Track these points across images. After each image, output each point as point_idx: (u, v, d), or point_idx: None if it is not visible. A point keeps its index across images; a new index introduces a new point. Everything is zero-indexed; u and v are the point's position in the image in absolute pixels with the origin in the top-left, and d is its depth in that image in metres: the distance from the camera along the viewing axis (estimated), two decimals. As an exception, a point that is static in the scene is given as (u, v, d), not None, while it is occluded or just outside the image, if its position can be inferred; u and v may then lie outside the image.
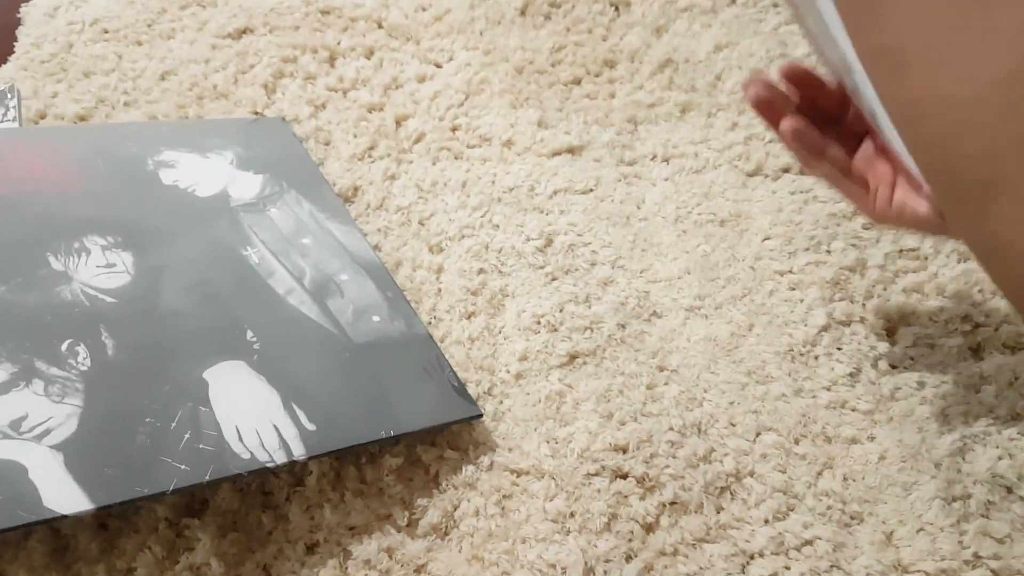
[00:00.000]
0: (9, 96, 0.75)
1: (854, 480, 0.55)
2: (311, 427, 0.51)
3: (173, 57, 0.82)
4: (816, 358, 0.61)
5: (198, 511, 0.52)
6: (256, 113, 0.79)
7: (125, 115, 0.76)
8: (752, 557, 0.52)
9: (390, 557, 0.51)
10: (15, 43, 0.82)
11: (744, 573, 0.51)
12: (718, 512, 0.53)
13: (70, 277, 0.55)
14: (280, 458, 0.49)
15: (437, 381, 0.57)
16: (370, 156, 0.76)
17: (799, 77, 0.55)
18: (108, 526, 0.51)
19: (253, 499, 0.53)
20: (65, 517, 0.43)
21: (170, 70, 0.81)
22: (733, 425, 0.57)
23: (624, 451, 0.56)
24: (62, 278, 0.55)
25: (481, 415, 0.57)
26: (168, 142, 0.70)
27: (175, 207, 0.64)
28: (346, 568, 0.51)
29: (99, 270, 0.56)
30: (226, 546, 0.51)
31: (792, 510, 0.53)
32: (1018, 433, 0.56)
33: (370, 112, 0.80)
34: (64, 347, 0.51)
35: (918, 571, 0.51)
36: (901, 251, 0.68)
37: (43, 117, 0.75)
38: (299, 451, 0.50)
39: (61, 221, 0.59)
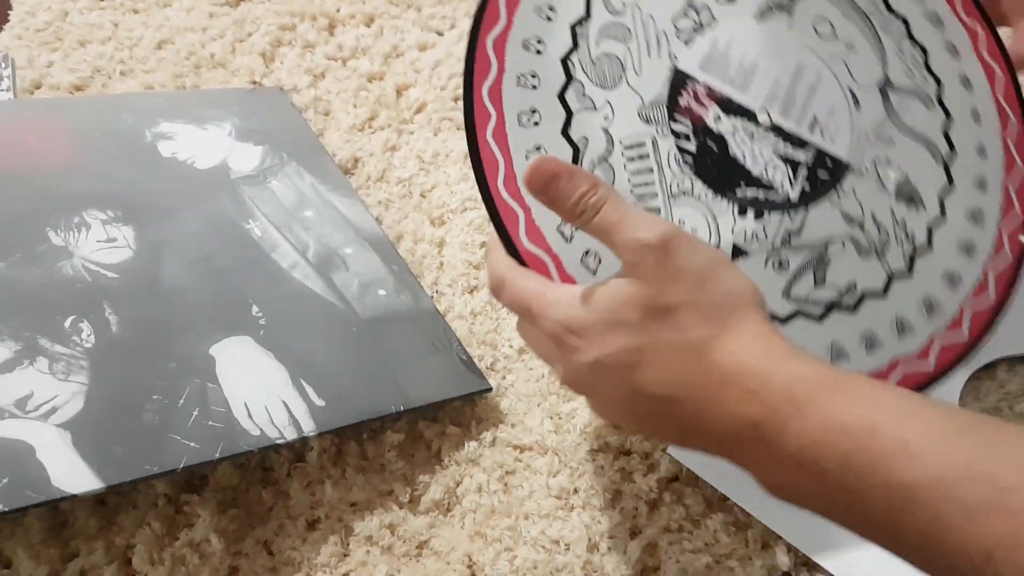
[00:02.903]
0: (3, 65, 0.74)
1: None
2: (320, 403, 0.51)
3: (170, 25, 0.81)
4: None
5: (198, 487, 0.52)
6: (254, 83, 0.78)
7: (121, 85, 0.75)
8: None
9: (392, 533, 0.52)
10: (10, 11, 0.81)
11: (747, 546, 0.51)
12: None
13: (71, 252, 0.55)
14: (290, 434, 0.49)
15: (445, 355, 0.57)
16: (370, 127, 0.75)
17: None
18: (107, 502, 0.51)
19: (253, 475, 0.53)
20: (75, 497, 0.43)
21: (167, 39, 0.80)
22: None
23: (628, 427, 0.56)
24: (63, 253, 0.54)
25: (491, 389, 0.57)
26: (166, 113, 0.69)
27: (175, 180, 0.63)
28: (347, 544, 0.51)
29: (100, 245, 0.56)
30: (226, 522, 0.51)
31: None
32: None
33: (370, 81, 0.79)
34: (67, 324, 0.50)
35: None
36: None
37: (38, 87, 0.74)
38: (309, 427, 0.50)
39: (59, 195, 0.58)
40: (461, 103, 0.49)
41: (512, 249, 0.45)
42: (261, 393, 0.50)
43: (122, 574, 0.48)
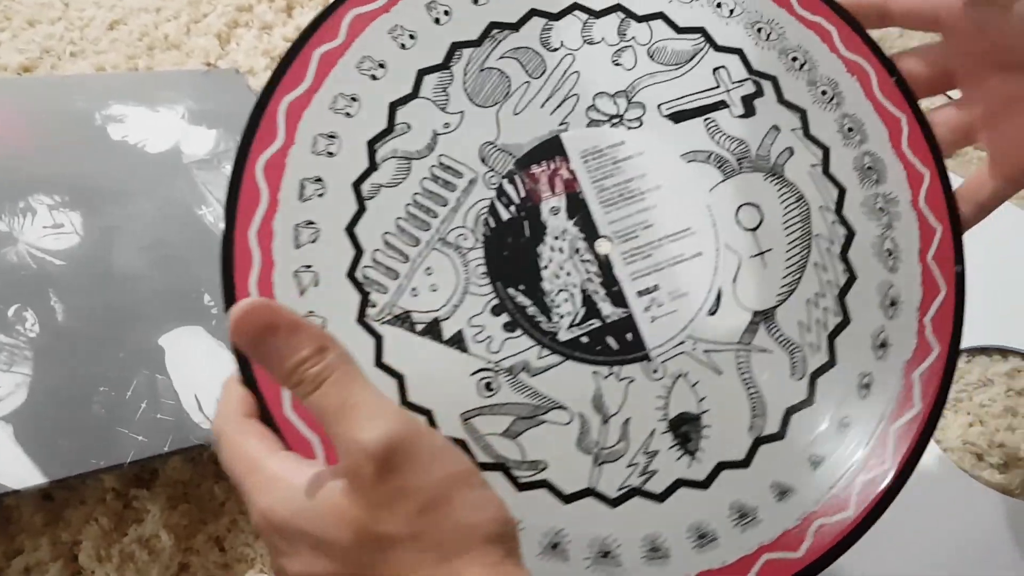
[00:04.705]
0: (-53, 44, 0.71)
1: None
2: (273, 395, 0.50)
3: (123, 5, 0.79)
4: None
5: (147, 482, 0.51)
6: (209, 64, 0.76)
7: (72, 66, 0.73)
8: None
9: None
10: (-47, -12, 0.78)
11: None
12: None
13: (15, 238, 0.53)
14: (242, 428, 0.48)
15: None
16: (329, 111, 0.74)
17: None
18: (52, 497, 0.49)
19: (205, 469, 0.52)
20: (18, 492, 0.41)
21: (119, 19, 0.77)
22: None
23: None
24: (7, 239, 0.53)
25: None
26: (116, 95, 0.67)
27: (125, 164, 0.62)
28: (305, 537, 0.50)
29: (46, 231, 0.54)
30: (177, 518, 0.50)
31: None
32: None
33: (329, 65, 0.78)
34: (11, 313, 0.49)
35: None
36: None
37: (-16, 67, 0.72)
38: (261, 420, 0.49)
39: (4, 179, 0.56)
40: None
41: (229, 285, 0.38)
42: (212, 385, 0.49)
43: (68, 571, 0.47)
